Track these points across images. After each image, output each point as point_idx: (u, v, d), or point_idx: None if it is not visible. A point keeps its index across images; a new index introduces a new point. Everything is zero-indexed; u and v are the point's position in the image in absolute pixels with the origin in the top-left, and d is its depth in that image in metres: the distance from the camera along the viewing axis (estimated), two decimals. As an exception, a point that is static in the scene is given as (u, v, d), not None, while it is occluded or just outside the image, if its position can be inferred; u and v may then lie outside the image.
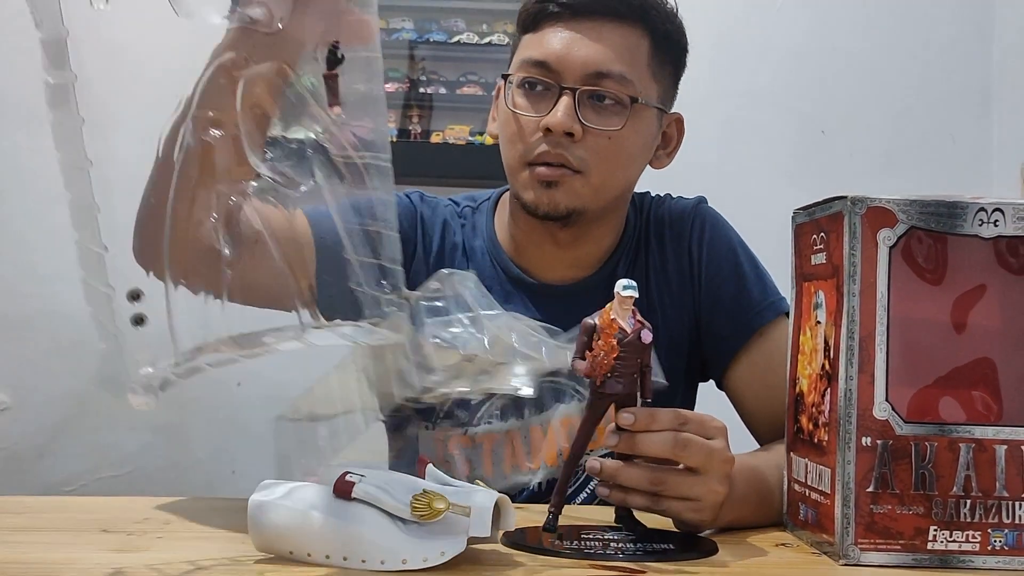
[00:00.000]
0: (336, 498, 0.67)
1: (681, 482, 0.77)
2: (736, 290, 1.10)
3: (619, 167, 1.05)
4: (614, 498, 0.78)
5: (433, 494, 0.67)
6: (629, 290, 0.75)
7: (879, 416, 0.73)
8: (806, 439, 0.80)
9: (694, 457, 0.77)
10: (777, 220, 2.02)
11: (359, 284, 0.71)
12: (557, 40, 1.02)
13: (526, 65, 1.03)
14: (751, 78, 2.06)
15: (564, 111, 1.00)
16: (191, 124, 0.74)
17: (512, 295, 1.10)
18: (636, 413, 0.76)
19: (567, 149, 1.01)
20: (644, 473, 0.77)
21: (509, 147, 1.05)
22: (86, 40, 0.69)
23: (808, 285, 0.81)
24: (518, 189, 1.06)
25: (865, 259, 0.73)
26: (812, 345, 0.80)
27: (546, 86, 1.02)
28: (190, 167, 0.75)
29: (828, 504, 0.75)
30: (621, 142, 1.03)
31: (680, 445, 0.76)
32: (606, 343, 0.74)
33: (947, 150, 2.05)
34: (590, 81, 1.01)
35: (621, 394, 0.75)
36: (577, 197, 1.02)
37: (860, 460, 0.73)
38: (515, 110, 1.04)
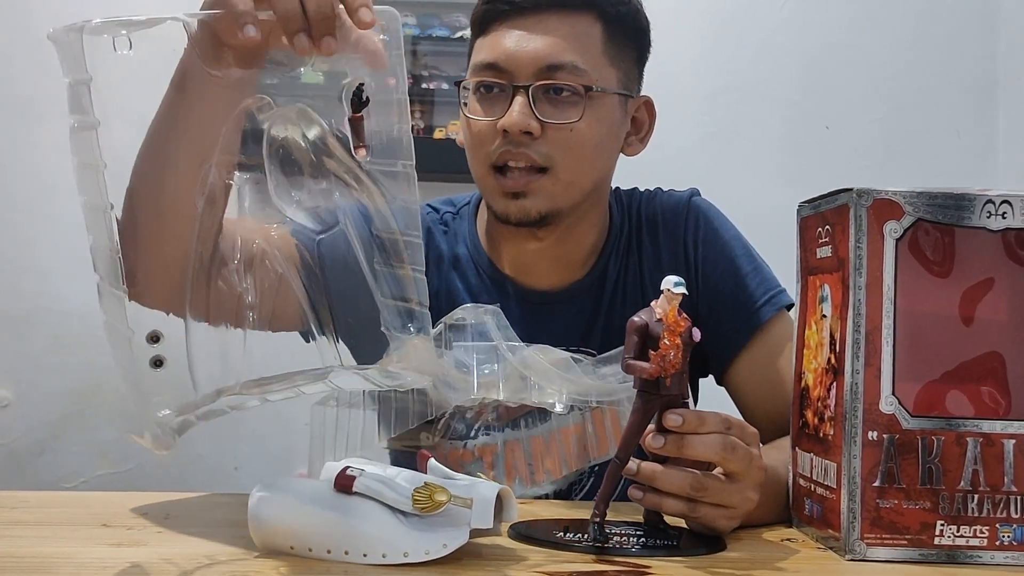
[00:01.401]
0: (337, 492, 0.67)
1: (721, 488, 0.75)
2: (735, 286, 1.08)
3: (586, 159, 1.02)
4: (648, 502, 0.75)
5: (434, 486, 0.67)
6: (680, 287, 0.71)
7: (885, 410, 0.72)
8: (811, 434, 0.79)
9: (738, 462, 0.75)
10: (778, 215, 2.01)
11: (386, 327, 0.72)
12: (505, 39, 1.00)
13: (478, 69, 1.02)
14: (753, 72, 2.05)
15: (519, 110, 0.98)
16: (215, 168, 0.75)
17: (501, 305, 1.05)
18: (684, 415, 0.73)
19: (529, 148, 0.99)
20: (686, 477, 0.74)
21: (472, 155, 1.04)
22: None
23: (813, 279, 0.80)
24: (487, 198, 1.04)
25: (871, 252, 0.72)
26: (818, 339, 0.79)
27: (499, 87, 1.00)
28: (215, 210, 0.76)
29: (834, 499, 0.74)
30: (583, 133, 1.00)
31: (728, 449, 0.74)
32: (672, 341, 0.71)
33: (952, 145, 2.04)
34: (542, 76, 0.99)
35: (678, 395, 0.73)
36: (548, 198, 1.01)
37: (866, 454, 0.72)
38: (471, 116, 1.02)
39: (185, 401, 0.69)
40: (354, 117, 0.71)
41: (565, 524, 0.78)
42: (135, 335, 0.66)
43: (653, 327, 0.72)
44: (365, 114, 0.71)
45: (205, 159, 0.76)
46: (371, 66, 0.71)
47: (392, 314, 0.71)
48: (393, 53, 0.71)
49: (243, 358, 0.71)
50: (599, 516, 0.74)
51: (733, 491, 0.75)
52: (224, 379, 0.70)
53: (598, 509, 0.74)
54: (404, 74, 0.72)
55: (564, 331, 1.06)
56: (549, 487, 1.01)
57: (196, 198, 0.75)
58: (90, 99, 0.66)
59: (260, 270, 0.75)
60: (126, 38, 0.68)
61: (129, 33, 0.68)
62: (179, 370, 0.69)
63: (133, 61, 0.68)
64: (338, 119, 0.73)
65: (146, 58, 0.68)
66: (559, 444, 0.95)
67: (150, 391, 0.68)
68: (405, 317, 0.71)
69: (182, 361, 0.70)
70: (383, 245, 0.73)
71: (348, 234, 0.75)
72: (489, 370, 0.82)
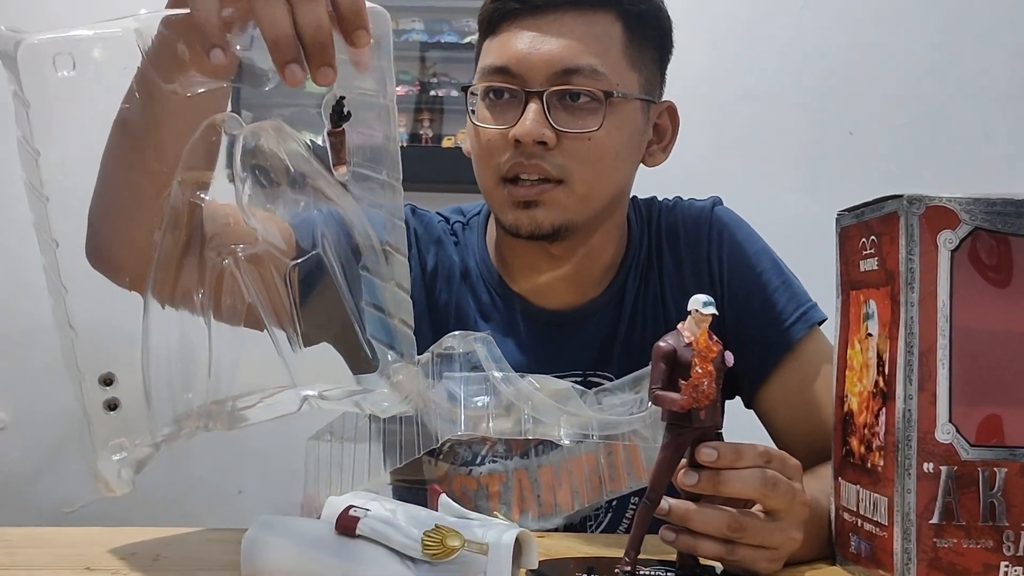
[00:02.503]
0: (339, 535, 0.61)
1: (762, 528, 0.68)
2: (764, 302, 1.00)
3: (604, 171, 0.94)
4: (681, 545, 0.68)
5: (446, 529, 0.61)
6: (709, 307, 0.65)
7: (942, 439, 0.66)
8: (857, 463, 0.73)
9: (779, 499, 0.68)
10: (803, 225, 1.95)
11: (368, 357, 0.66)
12: (517, 41, 0.92)
13: (487, 73, 0.94)
14: (776, 78, 1.99)
15: (532, 118, 0.90)
16: (178, 186, 0.68)
17: (513, 325, 1.01)
18: (719, 448, 0.67)
19: (543, 158, 0.91)
20: (722, 517, 0.67)
21: (480, 165, 0.96)
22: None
23: (856, 294, 0.74)
24: (496, 210, 0.97)
25: (924, 264, 0.66)
26: (862, 360, 0.73)
27: (511, 93, 0.93)
28: (177, 233, 0.69)
29: (885, 537, 0.68)
30: (602, 143, 0.93)
31: (769, 484, 0.68)
32: (705, 369, 0.65)
33: (981, 149, 1.98)
34: (557, 80, 0.91)
35: (711, 426, 0.66)
36: (562, 211, 0.93)
37: (921, 488, 0.65)
38: (480, 124, 0.94)
39: (142, 441, 0.65)
40: (333, 132, 0.65)
41: (589, 564, 0.72)
42: (88, 376, 0.62)
43: (682, 353, 0.65)
44: (346, 128, 0.65)
45: (164, 183, 0.68)
46: (355, 66, 0.65)
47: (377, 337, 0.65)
48: (382, 56, 0.65)
49: (207, 380, 0.65)
50: (629, 564, 0.67)
51: (775, 530, 0.69)
52: (185, 404, 0.64)
53: (628, 556, 0.67)
54: (392, 80, 0.66)
55: (580, 353, 1.00)
56: (559, 520, 0.95)
57: (153, 227, 0.68)
58: (29, 126, 0.60)
59: (228, 298, 0.69)
60: (68, 57, 0.62)
61: (72, 53, 0.62)
62: (135, 413, 0.65)
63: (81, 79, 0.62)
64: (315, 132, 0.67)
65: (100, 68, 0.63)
66: (570, 476, 0.88)
67: (106, 434, 0.64)
68: (390, 339, 0.65)
69: (138, 404, 0.65)
70: (367, 266, 0.67)
71: (326, 259, 0.69)
72: (481, 402, 0.76)
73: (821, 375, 0.98)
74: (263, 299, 0.69)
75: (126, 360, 0.68)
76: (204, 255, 0.69)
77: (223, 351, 0.67)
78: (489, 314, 1.02)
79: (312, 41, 0.61)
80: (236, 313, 0.69)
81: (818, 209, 1.94)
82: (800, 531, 0.70)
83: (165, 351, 0.67)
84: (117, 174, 0.73)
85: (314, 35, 0.61)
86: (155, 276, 0.69)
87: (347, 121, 0.65)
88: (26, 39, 0.61)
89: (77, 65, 0.62)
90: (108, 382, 0.66)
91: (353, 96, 0.66)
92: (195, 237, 0.70)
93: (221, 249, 0.69)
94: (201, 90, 0.67)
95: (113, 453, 0.65)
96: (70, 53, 0.62)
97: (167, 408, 0.66)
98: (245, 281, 0.69)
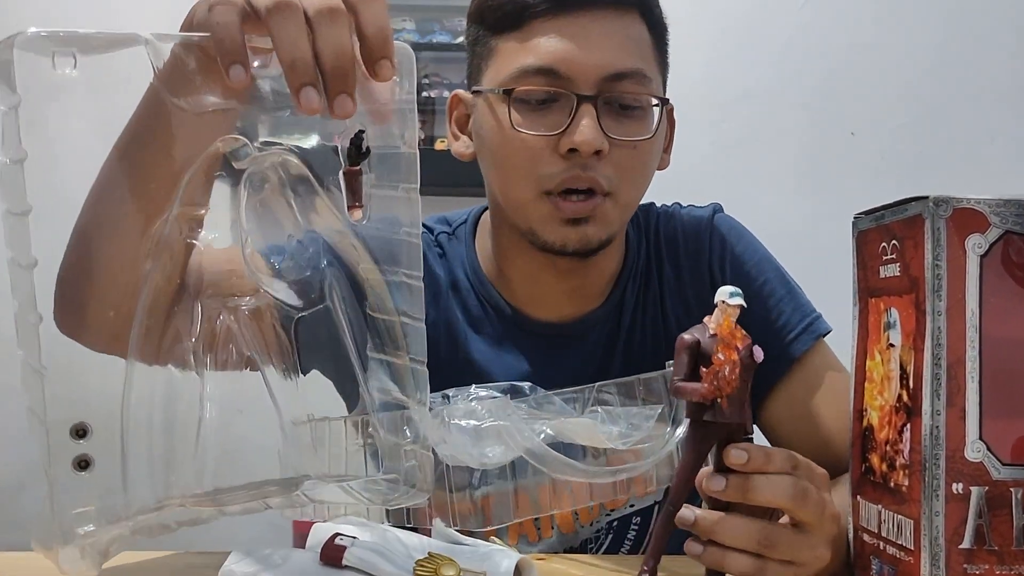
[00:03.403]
0: (324, 566, 0.56)
1: (792, 542, 0.64)
2: (767, 314, 0.97)
3: (644, 179, 0.92)
4: (708, 560, 0.64)
5: (440, 557, 0.57)
6: (736, 298, 0.62)
7: (972, 458, 0.61)
8: (879, 482, 0.68)
9: (810, 511, 0.64)
10: (805, 228, 1.91)
11: (377, 431, 0.61)
12: (557, 41, 0.86)
13: (527, 74, 0.87)
14: (771, 77, 1.96)
15: (591, 126, 0.85)
16: (173, 223, 0.62)
17: (507, 338, 0.97)
18: (749, 450, 0.63)
19: (596, 170, 0.87)
20: (753, 529, 0.63)
21: (516, 176, 0.89)
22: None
23: (876, 301, 0.70)
24: (533, 225, 0.90)
25: (952, 271, 0.62)
26: (883, 372, 0.68)
27: (555, 97, 0.87)
28: (168, 273, 0.63)
29: (911, 562, 0.63)
30: (648, 151, 0.90)
31: (800, 494, 0.64)
32: (728, 357, 0.62)
33: (986, 150, 1.94)
34: (607, 86, 0.87)
35: (736, 423, 0.63)
36: (608, 225, 0.90)
37: (950, 511, 0.61)
38: (521, 129, 0.87)
39: (115, 515, 0.57)
40: (350, 170, 0.60)
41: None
42: (56, 426, 0.55)
43: (706, 344, 0.62)
44: (363, 168, 0.60)
45: (159, 211, 0.63)
46: (375, 119, 0.59)
47: (386, 415, 0.60)
48: (405, 98, 0.60)
49: (193, 460, 0.59)
50: (648, 573, 0.63)
51: (804, 546, 0.65)
52: (167, 486, 0.58)
53: (647, 566, 0.63)
54: (416, 124, 0.60)
55: (578, 367, 0.95)
56: (556, 542, 0.90)
57: (142, 258, 0.63)
58: (17, 127, 0.54)
59: (223, 352, 0.64)
60: (70, 56, 0.56)
61: (76, 52, 0.56)
62: (109, 474, 0.57)
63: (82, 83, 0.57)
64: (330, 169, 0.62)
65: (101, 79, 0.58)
66: (570, 495, 0.84)
67: (72, 499, 0.56)
68: (400, 421, 0.60)
69: (115, 463, 0.57)
70: (377, 329, 0.61)
71: (335, 313, 0.64)
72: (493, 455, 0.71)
73: (827, 389, 0.95)
74: (262, 352, 0.64)
75: (105, 411, 0.61)
76: (201, 303, 0.64)
77: (213, 425, 0.62)
78: (480, 326, 0.98)
79: (333, 67, 0.56)
80: (232, 365, 0.64)
81: (816, 212, 1.92)
82: (829, 548, 0.67)
83: (147, 422, 0.61)
84: (108, 203, 0.67)
85: (335, 60, 0.56)
86: (142, 321, 0.62)
87: (366, 158, 0.60)
88: (26, 32, 0.55)
89: (79, 65, 0.57)
90: (81, 433, 0.59)
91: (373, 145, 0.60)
92: (189, 282, 0.65)
93: (225, 300, 0.64)
94: (211, 109, 0.61)
95: (79, 524, 0.57)
96: (72, 51, 0.57)
97: (146, 488, 0.59)
98: (244, 334, 0.64)
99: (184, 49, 0.59)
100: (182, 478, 0.60)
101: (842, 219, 1.93)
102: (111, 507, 0.59)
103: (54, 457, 0.56)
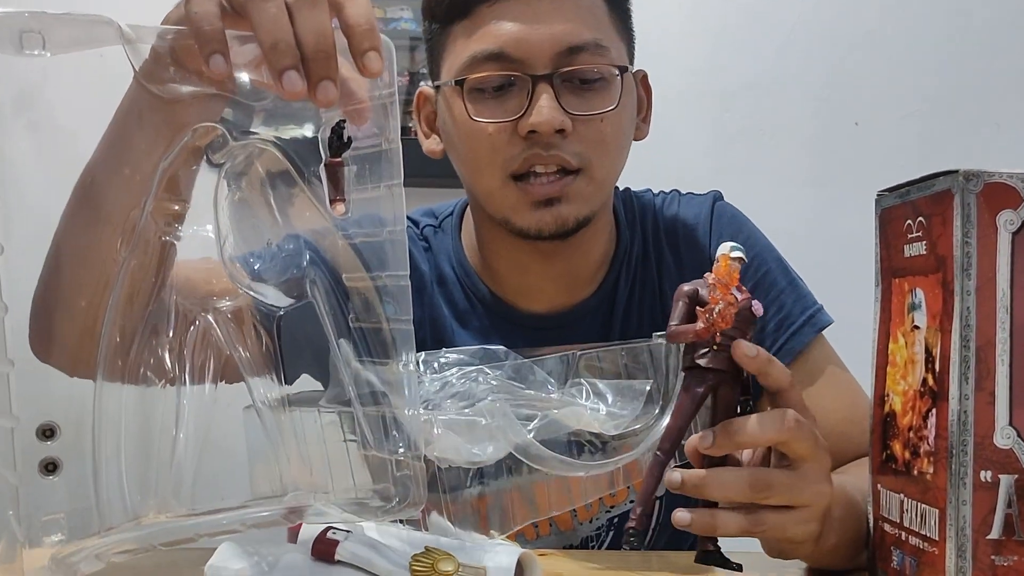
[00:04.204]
0: (315, 561, 0.53)
1: (787, 482, 0.62)
2: (768, 306, 0.93)
3: (618, 152, 0.89)
4: (699, 526, 0.62)
5: (438, 552, 0.54)
6: (737, 251, 0.62)
7: (1001, 444, 0.58)
8: (901, 470, 0.65)
9: (804, 442, 0.62)
10: (807, 219, 1.88)
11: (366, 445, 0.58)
12: (505, 22, 0.83)
13: (477, 61, 0.84)
14: (776, 67, 1.93)
15: (548, 105, 0.82)
16: (149, 218, 0.59)
17: (496, 331, 0.93)
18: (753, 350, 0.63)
19: (561, 148, 0.84)
20: (742, 475, 0.62)
21: (479, 166, 0.87)
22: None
23: (900, 282, 0.67)
24: (505, 213, 0.88)
25: (982, 248, 0.59)
26: (907, 355, 0.65)
27: (508, 81, 0.84)
28: (143, 272, 0.60)
29: (936, 553, 0.60)
30: (616, 123, 0.86)
31: (791, 426, 0.62)
32: (724, 295, 0.62)
33: (992, 139, 1.91)
34: (563, 61, 0.83)
35: (727, 371, 0.63)
36: (585, 203, 0.87)
37: (978, 499, 0.58)
38: (479, 119, 0.84)
39: (87, 527, 0.53)
40: (332, 162, 0.57)
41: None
42: (21, 423, 0.51)
43: (704, 294, 0.63)
44: (345, 160, 0.57)
45: (132, 205, 0.60)
46: (352, 119, 0.57)
47: (371, 422, 0.57)
48: (384, 92, 0.57)
49: (170, 469, 0.56)
50: (636, 519, 0.62)
51: (802, 484, 0.63)
52: (143, 500, 0.54)
53: (636, 512, 0.62)
54: (397, 117, 0.58)
55: None
56: (554, 541, 0.87)
57: (116, 255, 0.59)
58: None
59: (200, 352, 0.60)
60: (38, 36, 0.53)
61: (44, 32, 0.53)
62: (79, 478, 0.53)
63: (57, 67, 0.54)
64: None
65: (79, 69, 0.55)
66: (567, 492, 0.81)
67: (37, 504, 0.52)
68: (390, 426, 0.57)
69: (84, 467, 0.53)
70: (363, 334, 0.59)
71: (318, 308, 0.61)
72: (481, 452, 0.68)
73: (829, 382, 0.93)
74: (243, 352, 0.61)
75: (73, 410, 0.57)
76: (178, 302, 0.61)
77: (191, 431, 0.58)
78: (467, 320, 0.95)
79: (314, 50, 0.54)
80: (210, 369, 0.61)
81: (820, 203, 1.89)
82: (828, 483, 0.64)
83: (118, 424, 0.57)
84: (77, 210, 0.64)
85: (316, 44, 0.54)
86: (114, 319, 0.59)
87: (348, 149, 0.57)
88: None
89: (48, 46, 0.54)
90: (49, 433, 0.55)
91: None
92: (166, 283, 0.61)
93: (204, 300, 0.61)
94: (188, 93, 0.59)
95: (47, 532, 0.53)
96: (40, 32, 0.54)
97: (118, 496, 0.55)
98: (223, 334, 0.61)
99: (163, 40, 0.57)
100: (159, 486, 0.56)
101: (845, 210, 1.92)
102: (82, 516, 0.55)
103: (19, 458, 0.52)
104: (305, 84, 0.54)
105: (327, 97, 0.54)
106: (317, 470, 0.61)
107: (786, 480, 0.62)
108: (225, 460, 0.65)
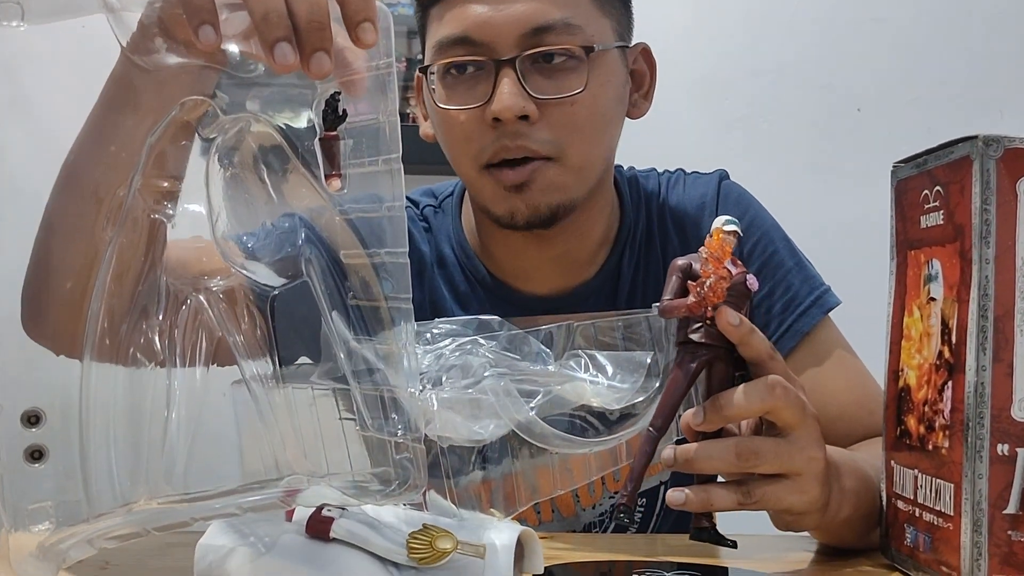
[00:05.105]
0: (310, 539, 0.51)
1: (776, 449, 0.61)
2: (777, 284, 0.92)
3: (596, 136, 0.85)
4: (693, 504, 0.61)
5: (436, 530, 0.52)
6: (731, 225, 0.61)
7: (1019, 417, 0.57)
8: (915, 445, 0.64)
9: (791, 410, 0.61)
10: (810, 205, 1.86)
11: (364, 426, 0.56)
12: (471, 5, 0.81)
13: (443, 47, 0.82)
14: (779, 53, 1.91)
15: (509, 91, 0.79)
16: (138, 195, 0.57)
17: (496, 314, 0.92)
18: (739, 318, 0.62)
19: (528, 136, 0.81)
20: (728, 444, 0.61)
21: (455, 153, 0.86)
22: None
23: (916, 254, 0.65)
24: (483, 201, 0.87)
25: (1001, 216, 0.57)
26: (922, 328, 0.63)
27: (476, 66, 0.82)
28: (131, 250, 0.57)
29: (951, 529, 0.59)
30: (590, 105, 0.82)
31: (777, 393, 0.61)
32: (717, 269, 0.61)
33: (995, 124, 1.89)
34: (528, 43, 0.80)
35: (721, 346, 0.61)
36: (558, 190, 0.84)
37: (995, 473, 0.57)
38: (446, 106, 0.83)
39: (76, 513, 0.51)
40: (327, 136, 0.55)
41: (603, 569, 0.63)
42: (5, 410, 0.49)
43: (698, 268, 0.62)
44: (340, 133, 0.55)
45: (119, 182, 0.58)
46: (347, 90, 0.55)
47: (369, 403, 0.55)
48: (381, 63, 0.55)
49: (161, 455, 0.54)
50: (626, 496, 0.61)
51: (792, 451, 0.61)
52: (134, 486, 0.52)
53: (626, 488, 0.61)
54: (395, 90, 0.55)
55: None
56: (557, 526, 0.86)
57: (103, 233, 0.57)
58: None
59: (191, 333, 0.58)
60: (16, 6, 0.51)
61: (21, 2, 0.51)
62: (66, 466, 0.51)
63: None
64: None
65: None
66: (570, 475, 0.79)
67: (23, 492, 0.50)
68: (389, 407, 0.55)
69: (72, 454, 0.51)
70: (361, 312, 0.57)
71: (314, 287, 0.59)
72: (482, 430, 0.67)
73: (836, 363, 0.91)
74: (236, 334, 0.59)
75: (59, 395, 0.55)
76: (168, 282, 0.59)
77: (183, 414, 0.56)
78: (467, 303, 0.93)
79: (307, 21, 0.52)
80: (202, 350, 0.59)
81: (822, 189, 1.87)
82: (820, 449, 0.63)
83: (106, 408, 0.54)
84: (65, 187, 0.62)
85: (309, 14, 0.52)
86: (102, 298, 0.57)
87: (343, 122, 0.55)
88: None
89: (27, 17, 0.52)
90: (34, 420, 0.53)
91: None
92: (156, 263, 0.59)
93: (195, 280, 0.59)
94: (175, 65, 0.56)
95: (33, 521, 0.52)
96: (19, 2, 0.52)
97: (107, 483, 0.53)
98: (215, 314, 0.58)
99: (151, 9, 0.55)
100: (151, 472, 0.54)
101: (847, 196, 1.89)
102: (70, 504, 0.53)
103: (4, 446, 0.51)
104: (297, 57, 0.52)
105: (321, 70, 0.53)
106: (311, 449, 0.59)
107: (774, 447, 0.61)
108: (218, 443, 0.63)
